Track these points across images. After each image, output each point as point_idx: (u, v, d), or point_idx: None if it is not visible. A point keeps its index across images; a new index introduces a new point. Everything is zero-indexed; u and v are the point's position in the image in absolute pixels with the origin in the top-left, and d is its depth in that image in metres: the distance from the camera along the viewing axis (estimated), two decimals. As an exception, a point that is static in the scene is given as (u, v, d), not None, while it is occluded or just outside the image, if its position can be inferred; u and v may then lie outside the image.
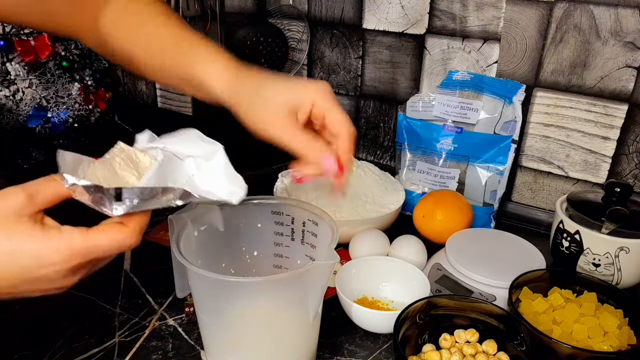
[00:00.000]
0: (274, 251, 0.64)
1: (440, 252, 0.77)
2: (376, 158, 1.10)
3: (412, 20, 0.95)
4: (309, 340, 0.58)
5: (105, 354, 0.62)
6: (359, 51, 1.04)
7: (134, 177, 0.47)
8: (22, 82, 1.23)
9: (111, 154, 0.48)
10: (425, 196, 0.88)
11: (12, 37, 1.17)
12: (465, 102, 0.90)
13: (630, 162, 0.84)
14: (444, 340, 0.60)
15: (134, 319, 0.67)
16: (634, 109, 0.81)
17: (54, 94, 1.27)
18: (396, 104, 1.03)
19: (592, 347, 0.57)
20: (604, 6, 0.78)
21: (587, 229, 0.72)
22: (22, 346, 0.62)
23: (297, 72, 1.13)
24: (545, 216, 0.91)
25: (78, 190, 0.43)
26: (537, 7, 0.83)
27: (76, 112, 1.31)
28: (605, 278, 0.70)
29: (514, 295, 0.63)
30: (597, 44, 0.80)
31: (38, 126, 1.26)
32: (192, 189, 0.45)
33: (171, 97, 1.39)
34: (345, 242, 0.80)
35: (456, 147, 0.92)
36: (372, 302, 0.70)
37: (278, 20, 1.10)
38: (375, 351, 0.63)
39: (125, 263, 0.79)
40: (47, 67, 1.25)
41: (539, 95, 0.87)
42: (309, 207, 0.60)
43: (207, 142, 0.51)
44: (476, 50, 0.91)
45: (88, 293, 0.72)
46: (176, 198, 0.45)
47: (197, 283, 0.53)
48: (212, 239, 0.60)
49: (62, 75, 1.28)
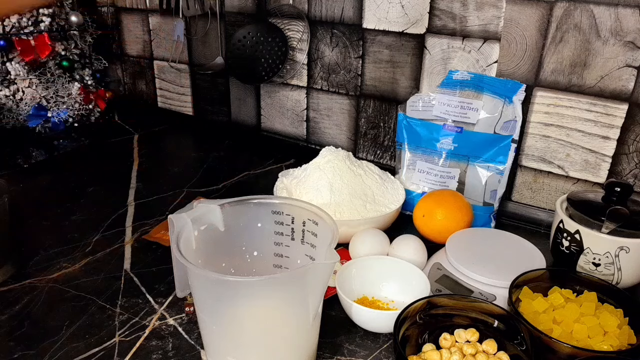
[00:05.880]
0: (274, 251, 0.64)
1: (440, 252, 0.77)
2: (376, 157, 1.10)
3: (412, 20, 0.95)
4: (309, 340, 0.58)
5: (105, 353, 0.62)
6: (359, 51, 1.04)
7: None
8: (22, 82, 1.23)
9: None
10: (425, 196, 0.88)
11: (12, 37, 1.17)
12: (466, 101, 0.90)
13: (630, 162, 0.84)
14: (444, 339, 0.60)
15: (134, 319, 0.67)
16: (634, 108, 0.81)
17: (54, 93, 1.27)
18: (396, 103, 1.03)
19: (592, 346, 0.57)
20: (604, 6, 0.78)
21: (587, 228, 0.72)
22: (22, 346, 0.62)
23: (297, 71, 1.13)
24: (546, 216, 0.91)
25: None
26: (537, 7, 0.83)
27: (76, 112, 1.31)
28: (605, 277, 0.70)
29: (514, 295, 0.63)
30: (597, 43, 0.80)
31: (38, 126, 1.26)
32: None
33: (171, 97, 1.39)
34: (345, 242, 0.80)
35: (456, 146, 0.92)
36: (372, 301, 0.70)
37: (278, 20, 1.10)
38: (375, 351, 0.63)
39: (125, 263, 0.79)
40: (47, 67, 1.25)
41: (539, 94, 0.87)
42: (309, 206, 0.60)
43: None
44: (476, 49, 0.91)
45: (88, 293, 0.72)
46: None
47: (197, 283, 0.53)
48: (212, 239, 0.60)
49: (62, 75, 1.28)
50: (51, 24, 1.23)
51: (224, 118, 1.30)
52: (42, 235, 0.85)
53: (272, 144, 1.22)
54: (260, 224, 0.63)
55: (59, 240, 0.84)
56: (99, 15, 1.40)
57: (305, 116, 1.17)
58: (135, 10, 1.36)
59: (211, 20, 1.20)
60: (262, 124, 1.25)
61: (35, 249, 0.81)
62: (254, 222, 0.63)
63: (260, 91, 1.22)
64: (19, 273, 0.76)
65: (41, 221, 0.90)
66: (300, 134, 1.19)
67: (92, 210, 0.94)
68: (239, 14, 1.16)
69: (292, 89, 1.16)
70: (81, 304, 0.70)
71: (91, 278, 0.75)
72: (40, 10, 1.20)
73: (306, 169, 0.91)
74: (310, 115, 1.16)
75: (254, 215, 0.62)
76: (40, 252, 0.81)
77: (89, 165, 1.14)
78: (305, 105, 1.15)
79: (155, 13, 1.31)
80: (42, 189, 1.03)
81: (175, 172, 1.11)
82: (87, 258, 0.80)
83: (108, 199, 0.98)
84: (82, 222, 0.90)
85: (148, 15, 1.34)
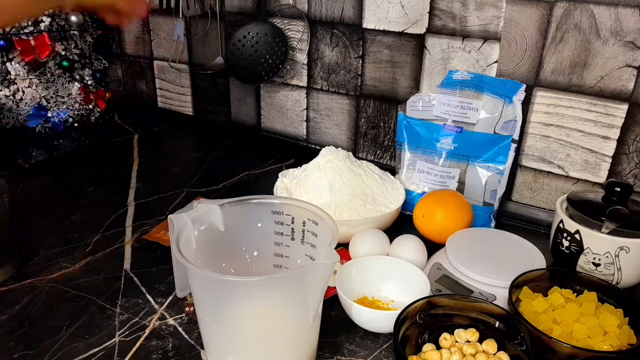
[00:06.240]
0: (274, 251, 0.64)
1: (440, 252, 0.77)
2: (376, 157, 1.10)
3: (412, 20, 0.95)
4: (309, 340, 0.58)
5: (105, 353, 0.62)
6: (359, 51, 1.04)
7: None
8: (22, 82, 1.23)
9: None
10: (425, 196, 0.88)
11: (12, 37, 1.17)
12: (466, 101, 0.90)
13: (631, 162, 0.84)
14: (444, 339, 0.60)
15: (134, 319, 0.67)
16: (634, 108, 0.81)
17: (54, 93, 1.27)
18: (396, 103, 1.03)
19: (592, 346, 0.57)
20: (604, 6, 0.78)
21: (587, 228, 0.72)
22: (22, 346, 0.62)
23: (297, 71, 1.13)
24: (546, 216, 0.91)
25: None
26: (537, 7, 0.83)
27: (76, 112, 1.31)
28: (605, 277, 0.70)
29: (514, 295, 0.63)
30: (597, 43, 0.80)
31: (38, 126, 1.26)
32: None
33: (171, 97, 1.39)
34: (345, 242, 0.80)
35: (456, 146, 0.92)
36: (372, 301, 0.70)
37: (278, 20, 1.10)
38: (375, 351, 0.63)
39: (125, 263, 0.79)
40: (47, 67, 1.25)
41: (539, 94, 0.87)
42: (309, 206, 0.60)
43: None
44: (476, 49, 0.91)
45: (88, 293, 0.72)
46: None
47: (197, 283, 0.53)
48: (212, 239, 0.60)
49: (62, 74, 1.28)
50: (51, 24, 1.23)
51: (224, 118, 1.30)
52: (42, 235, 0.85)
53: (272, 144, 1.22)
54: (260, 224, 0.63)
55: (59, 240, 0.84)
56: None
57: (305, 116, 1.17)
58: (135, 10, 1.35)
59: (211, 20, 1.20)
60: (262, 124, 1.25)
61: (35, 249, 0.81)
62: (254, 222, 0.62)
63: (260, 91, 1.22)
64: (19, 273, 0.76)
65: (41, 221, 0.90)
66: (300, 134, 1.19)
67: (92, 210, 0.94)
68: (239, 14, 1.16)
69: (292, 89, 1.16)
70: (81, 304, 0.70)
71: (91, 278, 0.75)
72: (40, 10, 1.20)
73: (306, 169, 0.91)
74: (310, 115, 1.16)
75: (254, 215, 0.62)
76: (40, 252, 0.81)
77: (89, 165, 1.14)
78: (305, 105, 1.15)
79: (155, 13, 1.31)
80: (42, 189, 1.03)
81: (175, 172, 1.11)
82: (87, 258, 0.80)
83: (108, 199, 0.98)
84: (82, 222, 0.90)
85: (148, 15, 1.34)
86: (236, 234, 0.62)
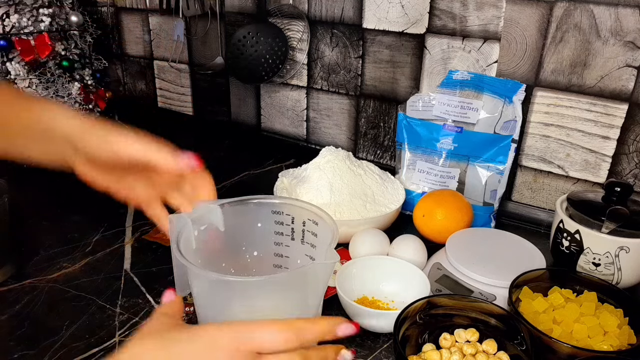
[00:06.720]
0: (274, 251, 0.64)
1: (440, 252, 0.77)
2: (376, 157, 1.10)
3: (412, 20, 0.95)
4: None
5: (105, 353, 0.62)
6: (359, 51, 1.04)
7: None
8: (22, 82, 1.23)
9: None
10: (425, 196, 0.88)
11: (12, 37, 1.17)
12: (466, 101, 0.90)
13: (631, 162, 0.84)
14: (444, 339, 0.60)
15: (134, 319, 0.67)
16: (634, 108, 0.81)
17: (54, 93, 1.27)
18: (396, 103, 1.03)
19: (592, 346, 0.57)
20: (604, 6, 0.78)
21: (587, 228, 0.72)
22: (22, 346, 0.62)
23: (297, 71, 1.13)
24: (545, 216, 0.91)
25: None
26: (537, 7, 0.83)
27: (76, 112, 1.31)
28: (605, 277, 0.70)
29: (514, 295, 0.63)
30: (597, 43, 0.80)
31: (38, 126, 1.26)
32: None
33: (171, 97, 1.39)
34: (345, 242, 0.80)
35: (456, 146, 0.92)
36: (372, 301, 0.70)
37: (278, 20, 1.10)
38: (375, 351, 0.63)
39: (125, 263, 0.79)
40: (47, 67, 1.25)
41: (539, 94, 0.87)
42: (309, 206, 0.60)
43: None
44: (476, 49, 0.91)
45: (88, 293, 0.72)
46: None
47: (197, 283, 0.53)
48: (212, 239, 0.60)
49: (62, 74, 1.28)
50: (51, 24, 1.23)
51: (224, 118, 1.30)
52: (42, 235, 0.85)
53: (272, 143, 1.22)
54: (260, 224, 0.63)
55: (59, 240, 0.84)
56: (99, 15, 1.40)
57: (305, 116, 1.17)
58: (135, 10, 1.35)
59: (211, 20, 1.20)
60: (262, 123, 1.25)
61: (35, 249, 0.81)
62: (254, 222, 0.62)
63: (260, 91, 1.22)
64: (19, 273, 0.76)
65: (41, 221, 0.90)
66: (300, 134, 1.19)
67: (92, 210, 0.94)
68: (239, 14, 1.16)
69: (292, 89, 1.16)
70: (81, 304, 0.70)
71: (91, 278, 0.75)
72: (40, 10, 1.20)
73: (306, 169, 0.91)
74: (310, 115, 1.16)
75: (254, 215, 0.62)
76: (40, 252, 0.81)
77: (89, 165, 1.14)
78: (305, 105, 1.15)
79: (155, 13, 1.31)
80: (42, 189, 1.03)
81: (175, 172, 1.11)
82: (87, 258, 0.80)
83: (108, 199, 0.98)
84: (82, 222, 0.90)
85: (148, 15, 1.34)
86: (236, 234, 0.62)
